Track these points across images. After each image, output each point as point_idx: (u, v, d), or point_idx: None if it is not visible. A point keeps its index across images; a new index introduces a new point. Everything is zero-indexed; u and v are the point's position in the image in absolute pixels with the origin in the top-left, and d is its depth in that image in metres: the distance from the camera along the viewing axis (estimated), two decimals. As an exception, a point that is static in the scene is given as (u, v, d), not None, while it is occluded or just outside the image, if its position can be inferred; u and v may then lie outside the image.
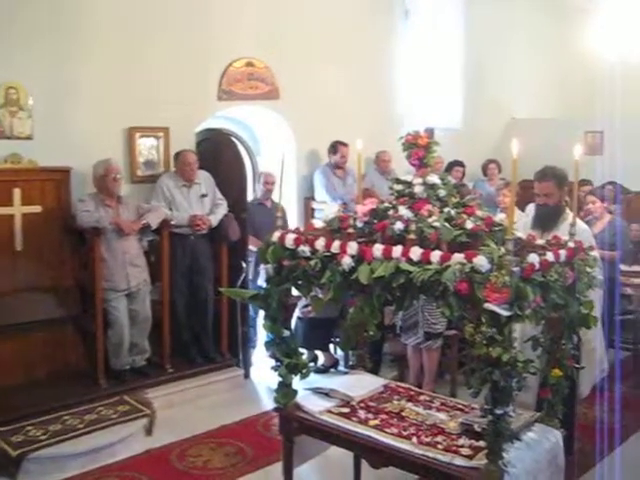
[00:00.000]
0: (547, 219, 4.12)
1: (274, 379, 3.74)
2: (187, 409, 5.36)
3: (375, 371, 5.09)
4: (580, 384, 3.83)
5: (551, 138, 8.68)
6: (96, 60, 5.61)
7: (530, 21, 10.08)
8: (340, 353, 6.35)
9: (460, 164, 8.16)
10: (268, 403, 5.04)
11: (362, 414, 3.54)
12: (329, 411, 3.59)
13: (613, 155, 9.23)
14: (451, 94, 9.32)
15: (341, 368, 6.13)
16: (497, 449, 2.84)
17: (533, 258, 2.69)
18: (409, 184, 3.21)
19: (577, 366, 3.36)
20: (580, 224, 4.16)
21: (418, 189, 3.16)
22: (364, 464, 3.81)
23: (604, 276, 5.12)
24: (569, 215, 4.21)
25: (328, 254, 3.13)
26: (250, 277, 6.22)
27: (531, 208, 4.46)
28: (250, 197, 6.63)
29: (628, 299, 6.35)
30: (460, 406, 3.65)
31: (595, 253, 3.34)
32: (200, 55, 6.27)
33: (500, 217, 3.13)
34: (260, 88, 6.78)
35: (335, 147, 7.15)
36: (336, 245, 3.10)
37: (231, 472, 4.39)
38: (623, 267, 6.07)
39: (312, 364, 6.03)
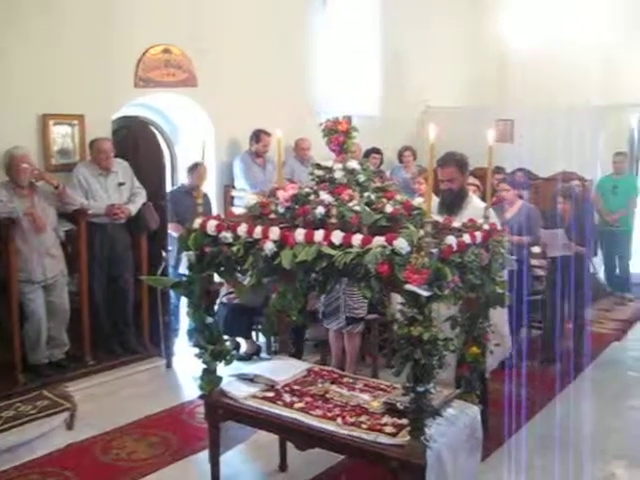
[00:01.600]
0: (452, 203, 4.24)
1: (197, 368, 3.75)
2: (109, 401, 5.28)
3: (298, 356, 5.17)
4: (487, 359, 3.95)
5: (464, 126, 8.89)
6: (7, 44, 5.40)
7: (446, 12, 10.30)
8: (262, 340, 6.38)
9: (377, 151, 8.29)
10: (192, 392, 4.99)
11: (287, 398, 3.59)
12: (254, 396, 3.63)
13: (523, 143, 9.58)
14: (368, 82, 9.46)
15: (263, 355, 6.16)
16: (419, 425, 2.95)
17: (451, 240, 2.79)
18: (329, 169, 3.27)
19: (494, 343, 3.50)
20: (479, 202, 4.33)
21: (338, 174, 3.22)
22: (290, 447, 3.88)
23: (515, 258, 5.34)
24: (472, 198, 4.39)
25: (250, 240, 3.16)
26: (172, 264, 6.17)
27: None
28: (169, 185, 6.55)
29: (538, 280, 6.62)
30: (382, 386, 3.75)
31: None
32: (116, 41, 6.13)
33: (418, 201, 3.22)
34: (177, 75, 6.70)
35: (258, 136, 7.15)
36: (258, 231, 3.13)
37: (156, 462, 4.35)
38: (533, 249, 6.31)
39: (234, 352, 6.04)
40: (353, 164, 3.26)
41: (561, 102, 10.16)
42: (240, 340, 6.35)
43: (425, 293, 2.62)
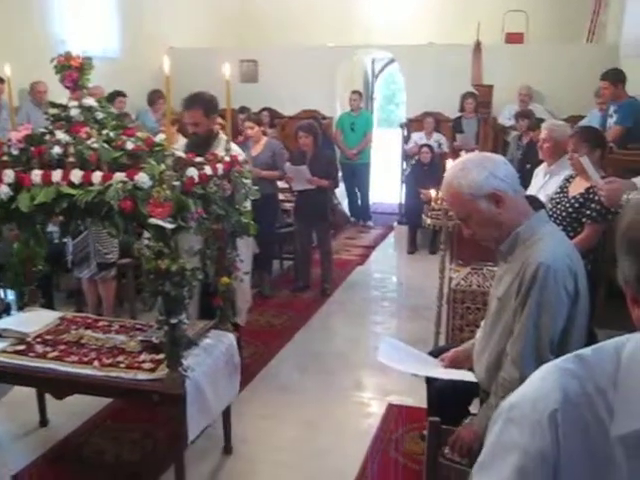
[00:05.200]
0: (199, 148, 4.15)
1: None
2: None
3: (49, 306, 4.96)
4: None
5: (209, 67, 8.89)
6: None
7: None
8: (11, 297, 6.02)
9: (122, 94, 8.03)
10: None
11: (39, 348, 3.46)
12: (4, 351, 3.45)
13: (267, 83, 9.85)
14: (107, 22, 9.06)
15: (14, 312, 5.82)
16: (175, 357, 3.01)
17: (192, 172, 2.84)
18: (65, 107, 3.14)
19: (246, 272, 3.65)
20: (233, 146, 4.36)
21: (74, 112, 3.10)
22: (50, 400, 3.76)
23: (265, 193, 5.56)
24: (222, 139, 4.38)
25: (-18, 185, 2.96)
26: None
27: None
28: None
29: (287, 213, 6.94)
30: (139, 326, 3.76)
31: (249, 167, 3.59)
32: None
33: (160, 137, 3.22)
34: None
35: (-14, 82, 6.58)
36: (-10, 174, 2.95)
37: None
38: (280, 184, 6.59)
39: (-20, 312, 5.64)
40: (90, 101, 3.16)
41: (301, 43, 10.57)
42: (-15, 300, 5.94)
43: (169, 225, 2.66)
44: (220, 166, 3.11)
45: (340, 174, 8.82)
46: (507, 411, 1.16)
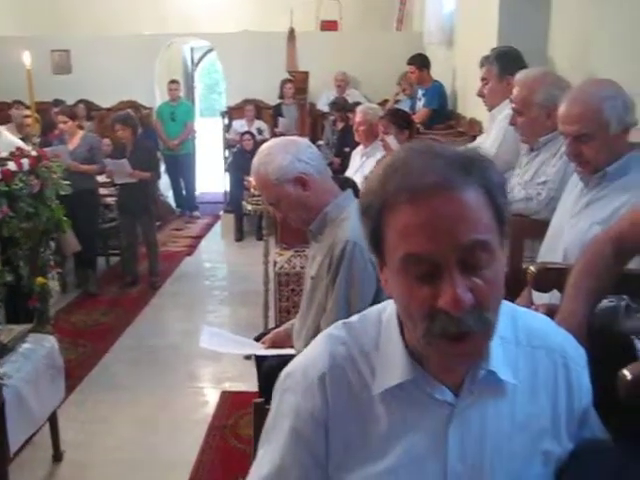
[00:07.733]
0: None
1: None
2: None
3: None
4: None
5: (16, 57, 8.41)
6: None
7: None
8: None
9: None
10: None
11: None
12: None
13: (82, 73, 9.45)
14: None
15: None
16: (-11, 365, 2.86)
17: (-7, 169, 2.70)
18: None
19: (60, 271, 3.51)
20: (14, 140, 4.13)
21: None
22: None
23: (84, 188, 5.40)
24: (1, 133, 4.17)
25: None
26: None
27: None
28: None
29: (109, 208, 6.75)
30: (-52, 336, 3.52)
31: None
32: None
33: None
34: None
35: None
36: None
37: None
38: (101, 178, 6.38)
39: None
40: None
41: (116, 31, 10.23)
42: None
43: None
44: (26, 161, 2.97)
45: (164, 165, 8.70)
46: (283, 381, 1.24)
